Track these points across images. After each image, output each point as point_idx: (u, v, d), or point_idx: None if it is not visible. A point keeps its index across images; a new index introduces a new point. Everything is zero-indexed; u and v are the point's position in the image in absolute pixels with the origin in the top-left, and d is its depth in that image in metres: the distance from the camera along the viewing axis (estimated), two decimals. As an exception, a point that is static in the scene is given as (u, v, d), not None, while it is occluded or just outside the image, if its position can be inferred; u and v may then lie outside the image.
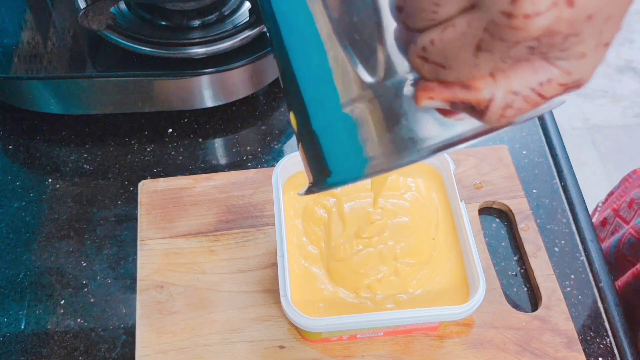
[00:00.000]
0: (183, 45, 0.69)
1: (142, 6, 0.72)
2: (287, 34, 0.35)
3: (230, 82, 0.72)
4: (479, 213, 0.67)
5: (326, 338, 0.56)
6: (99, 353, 0.59)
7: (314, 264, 0.55)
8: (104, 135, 0.73)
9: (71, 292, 0.62)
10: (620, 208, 0.77)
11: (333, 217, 0.58)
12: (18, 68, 0.68)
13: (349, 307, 0.53)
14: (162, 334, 0.57)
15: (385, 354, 0.57)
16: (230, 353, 0.57)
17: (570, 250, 0.66)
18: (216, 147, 0.73)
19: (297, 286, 0.54)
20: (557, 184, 0.70)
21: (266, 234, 0.64)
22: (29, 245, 0.65)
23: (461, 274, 0.55)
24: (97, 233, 0.66)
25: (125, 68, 0.69)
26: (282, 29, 0.35)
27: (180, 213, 0.65)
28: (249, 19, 0.71)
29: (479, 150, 0.70)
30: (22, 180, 0.70)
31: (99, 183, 0.69)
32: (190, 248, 0.62)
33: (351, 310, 0.53)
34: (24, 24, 0.72)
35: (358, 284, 0.54)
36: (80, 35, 0.72)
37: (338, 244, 0.56)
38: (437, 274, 0.55)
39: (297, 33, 0.34)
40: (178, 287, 0.60)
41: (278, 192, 0.55)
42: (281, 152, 0.73)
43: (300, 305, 0.52)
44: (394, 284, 0.54)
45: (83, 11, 0.66)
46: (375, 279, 0.54)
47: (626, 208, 0.76)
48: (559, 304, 0.60)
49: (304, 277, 0.55)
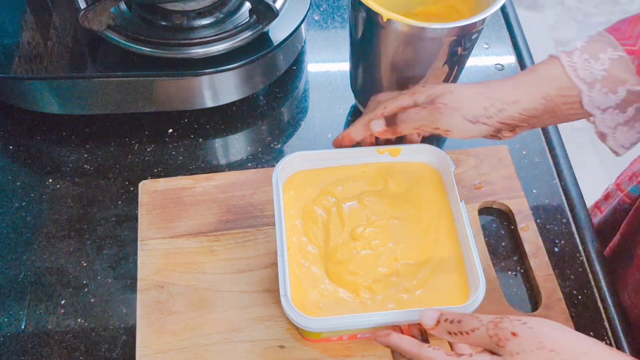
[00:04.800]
0: (183, 46, 0.69)
1: (142, 6, 0.72)
2: None
3: (231, 82, 0.72)
4: (479, 213, 0.67)
5: (326, 338, 0.56)
6: (99, 353, 0.59)
7: (313, 263, 0.55)
8: (105, 136, 0.73)
9: (71, 292, 0.62)
10: (622, 182, 0.78)
11: (332, 217, 0.58)
12: (18, 68, 0.68)
13: (349, 307, 0.53)
14: (162, 334, 0.57)
15: (385, 353, 0.57)
16: (230, 353, 0.57)
17: (570, 250, 0.66)
18: (216, 147, 0.74)
19: (297, 286, 0.54)
20: (557, 184, 0.71)
21: (266, 234, 0.64)
22: (30, 245, 0.65)
23: (461, 273, 0.55)
24: (98, 233, 0.66)
25: (125, 68, 0.69)
26: None
27: (181, 213, 0.65)
28: (249, 19, 0.71)
29: (479, 150, 0.70)
30: (22, 180, 0.70)
31: (100, 183, 0.70)
32: (190, 248, 0.62)
33: (351, 310, 0.53)
34: (24, 24, 0.72)
35: (357, 285, 0.54)
36: (81, 35, 0.72)
37: (336, 246, 0.56)
38: (437, 274, 0.55)
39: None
40: (178, 287, 0.60)
41: (278, 192, 0.55)
42: (281, 152, 0.73)
43: (300, 305, 0.52)
44: (394, 285, 0.54)
45: (83, 11, 0.66)
46: (375, 280, 0.54)
47: (627, 181, 0.77)
48: (559, 304, 0.60)
49: (304, 277, 0.55)
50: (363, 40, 0.64)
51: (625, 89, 0.52)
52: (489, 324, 0.44)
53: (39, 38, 0.71)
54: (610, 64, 0.52)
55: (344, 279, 0.54)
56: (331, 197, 0.59)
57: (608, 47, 0.52)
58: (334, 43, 0.83)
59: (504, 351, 0.43)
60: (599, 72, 0.52)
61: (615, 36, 0.52)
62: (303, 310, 0.50)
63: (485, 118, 0.54)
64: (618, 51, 0.52)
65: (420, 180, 0.60)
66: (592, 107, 0.53)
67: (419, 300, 0.53)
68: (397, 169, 0.61)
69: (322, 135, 0.74)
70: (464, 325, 0.45)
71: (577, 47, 0.53)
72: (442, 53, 0.61)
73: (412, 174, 0.61)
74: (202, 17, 0.72)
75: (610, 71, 0.52)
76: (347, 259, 0.55)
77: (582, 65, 0.52)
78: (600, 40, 0.53)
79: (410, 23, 0.57)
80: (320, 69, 0.81)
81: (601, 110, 0.53)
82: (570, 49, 0.54)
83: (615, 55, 0.52)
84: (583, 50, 0.53)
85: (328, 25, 0.85)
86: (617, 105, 0.53)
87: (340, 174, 0.60)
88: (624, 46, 0.52)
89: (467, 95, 0.54)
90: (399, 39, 0.60)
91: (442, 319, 0.47)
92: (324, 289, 0.54)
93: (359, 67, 0.70)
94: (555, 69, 0.53)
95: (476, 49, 0.70)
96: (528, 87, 0.54)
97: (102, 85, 0.69)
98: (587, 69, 0.52)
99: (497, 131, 0.55)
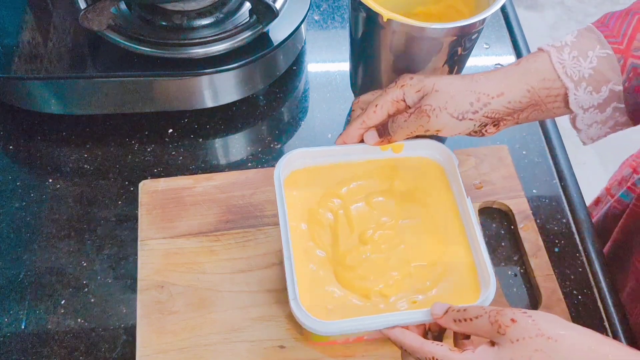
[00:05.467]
0: (183, 46, 0.69)
1: (142, 6, 0.72)
2: None
3: (230, 82, 0.72)
4: (479, 213, 0.67)
5: (332, 341, 0.55)
6: (99, 353, 0.59)
7: (321, 266, 0.54)
8: (105, 136, 0.73)
9: (71, 292, 0.62)
10: (612, 187, 0.78)
11: (340, 220, 0.57)
12: (18, 68, 0.68)
13: (358, 309, 0.52)
14: (162, 334, 0.57)
15: (385, 353, 0.57)
16: (231, 353, 0.57)
17: (570, 250, 0.66)
18: (216, 147, 0.74)
19: (304, 288, 0.52)
20: (557, 184, 0.70)
21: (266, 234, 0.64)
22: (30, 245, 0.65)
23: (471, 271, 0.54)
24: (98, 233, 0.66)
25: (125, 68, 0.69)
26: None
27: (181, 213, 0.65)
28: (249, 19, 0.71)
29: (479, 150, 0.70)
30: (22, 180, 0.70)
31: (100, 183, 0.70)
32: (190, 248, 0.62)
33: (361, 312, 0.52)
34: (24, 24, 0.72)
35: (368, 290, 0.53)
36: (81, 35, 0.72)
37: (346, 251, 0.55)
38: (449, 273, 0.54)
39: None
40: (178, 287, 0.60)
41: (281, 189, 0.55)
42: (281, 152, 0.73)
43: (308, 308, 0.50)
44: (407, 287, 0.54)
45: (83, 11, 0.66)
46: (387, 284, 0.53)
47: (616, 186, 0.78)
48: (559, 304, 0.60)
49: (311, 280, 0.53)
50: (363, 40, 0.64)
51: (608, 89, 0.52)
52: (491, 311, 0.45)
53: (39, 38, 0.71)
54: (597, 62, 0.52)
55: (354, 284, 0.53)
56: (337, 198, 0.58)
57: (597, 44, 0.52)
58: (334, 43, 0.83)
59: (504, 339, 0.43)
60: (586, 70, 0.52)
61: (604, 32, 0.52)
62: (312, 313, 0.49)
63: (471, 114, 0.54)
64: (606, 49, 0.52)
65: (425, 177, 0.60)
66: (576, 106, 0.54)
67: (432, 301, 0.52)
68: (402, 165, 0.60)
69: (322, 135, 0.74)
70: (468, 313, 0.46)
71: (566, 43, 0.53)
72: (442, 53, 0.61)
73: (416, 170, 0.60)
74: (202, 17, 0.72)
75: (597, 69, 0.52)
76: (357, 264, 0.54)
77: (570, 63, 0.52)
78: (588, 36, 0.53)
79: (410, 23, 0.57)
80: (320, 69, 0.81)
81: (583, 110, 0.54)
82: (560, 43, 0.54)
83: (603, 53, 0.52)
84: (573, 46, 0.53)
85: (328, 25, 0.85)
86: (598, 105, 0.54)
87: (344, 172, 0.59)
88: (612, 44, 0.52)
89: (452, 93, 0.54)
90: (399, 39, 0.60)
91: (450, 309, 0.48)
92: (333, 292, 0.53)
93: (359, 67, 0.70)
94: (540, 62, 0.54)
95: (476, 49, 0.70)
96: (513, 79, 0.54)
97: (102, 85, 0.69)
98: (575, 66, 0.52)
99: (482, 126, 0.55)
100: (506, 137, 0.73)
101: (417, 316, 0.50)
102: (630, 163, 0.77)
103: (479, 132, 0.56)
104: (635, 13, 0.53)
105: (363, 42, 0.65)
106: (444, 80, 0.55)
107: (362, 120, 0.58)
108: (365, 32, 0.63)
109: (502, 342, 0.44)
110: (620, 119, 0.55)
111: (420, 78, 0.56)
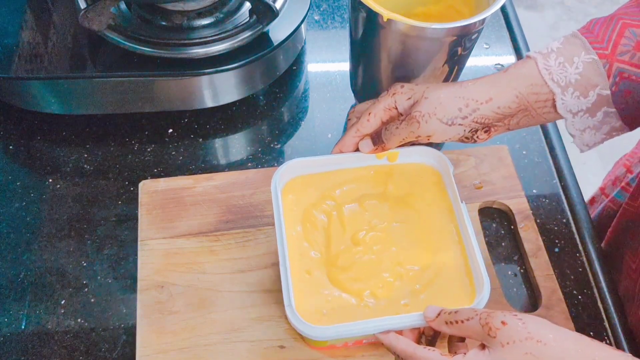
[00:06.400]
0: (183, 46, 0.69)
1: (142, 6, 0.72)
2: None
3: (230, 82, 0.72)
4: (479, 213, 0.67)
5: (332, 345, 0.56)
6: (99, 353, 0.59)
7: (316, 269, 0.55)
8: (105, 136, 0.73)
9: (71, 292, 0.62)
10: (607, 186, 0.79)
11: (333, 222, 0.57)
12: (18, 68, 0.68)
13: (353, 313, 0.52)
14: (162, 334, 0.57)
15: (386, 353, 0.57)
16: (231, 353, 0.57)
17: (570, 250, 0.66)
18: (216, 147, 0.74)
19: (300, 293, 0.53)
20: (557, 184, 0.71)
21: (266, 233, 0.64)
22: (30, 245, 0.65)
23: (465, 275, 0.54)
24: (98, 233, 0.66)
25: (126, 68, 0.69)
26: None
27: (181, 213, 0.65)
28: (249, 19, 0.71)
29: (479, 150, 0.70)
30: (22, 180, 0.70)
31: (100, 183, 0.70)
32: (190, 248, 0.62)
33: (355, 317, 0.52)
34: (24, 24, 0.72)
35: (360, 291, 0.53)
36: (81, 35, 0.72)
37: (338, 252, 0.55)
38: (441, 277, 0.54)
39: None
40: (178, 287, 0.60)
41: (278, 199, 0.55)
42: (281, 152, 0.73)
43: (304, 313, 0.51)
44: (398, 289, 0.54)
45: (83, 11, 0.66)
46: (378, 285, 0.54)
47: (610, 185, 0.78)
48: (559, 304, 0.60)
49: (306, 284, 0.54)
50: (363, 40, 0.64)
51: (595, 93, 0.53)
52: (482, 314, 0.46)
53: (39, 38, 0.71)
54: (583, 67, 0.53)
55: (346, 286, 0.54)
56: (330, 200, 0.58)
57: (582, 50, 0.53)
58: (334, 43, 0.83)
59: (494, 342, 0.44)
60: (573, 75, 0.53)
61: (588, 38, 0.53)
62: (307, 318, 0.50)
63: (460, 119, 0.55)
64: (590, 54, 0.53)
65: (419, 182, 0.60)
66: (564, 111, 0.54)
67: (424, 303, 0.52)
68: (396, 171, 0.60)
69: (322, 135, 0.74)
70: (460, 315, 0.47)
71: (552, 49, 0.54)
72: (442, 53, 0.61)
73: (411, 175, 0.60)
74: (202, 17, 0.72)
75: (584, 75, 0.53)
76: (349, 266, 0.55)
77: (557, 69, 0.53)
78: (574, 43, 0.54)
79: (410, 23, 0.57)
80: (320, 69, 0.81)
81: (572, 114, 0.55)
82: (546, 50, 0.54)
83: (588, 59, 0.53)
84: (559, 52, 0.54)
85: (328, 25, 0.85)
86: (587, 109, 0.54)
87: (339, 177, 0.60)
88: (597, 50, 0.53)
89: (441, 99, 0.55)
90: (399, 39, 0.60)
91: (442, 312, 0.48)
92: (328, 295, 0.53)
93: (359, 67, 0.70)
94: (527, 69, 0.54)
95: (476, 49, 0.70)
96: (501, 85, 0.55)
97: (102, 85, 0.69)
98: (562, 72, 0.53)
99: (473, 132, 0.56)
100: (506, 137, 0.73)
101: (411, 320, 0.50)
102: (624, 162, 0.77)
103: (470, 138, 0.57)
104: (620, 18, 0.53)
105: (363, 42, 0.65)
106: (433, 88, 0.56)
107: (356, 128, 0.59)
108: (365, 32, 0.63)
109: (493, 345, 0.44)
110: (615, 123, 0.55)
111: (410, 86, 0.58)
